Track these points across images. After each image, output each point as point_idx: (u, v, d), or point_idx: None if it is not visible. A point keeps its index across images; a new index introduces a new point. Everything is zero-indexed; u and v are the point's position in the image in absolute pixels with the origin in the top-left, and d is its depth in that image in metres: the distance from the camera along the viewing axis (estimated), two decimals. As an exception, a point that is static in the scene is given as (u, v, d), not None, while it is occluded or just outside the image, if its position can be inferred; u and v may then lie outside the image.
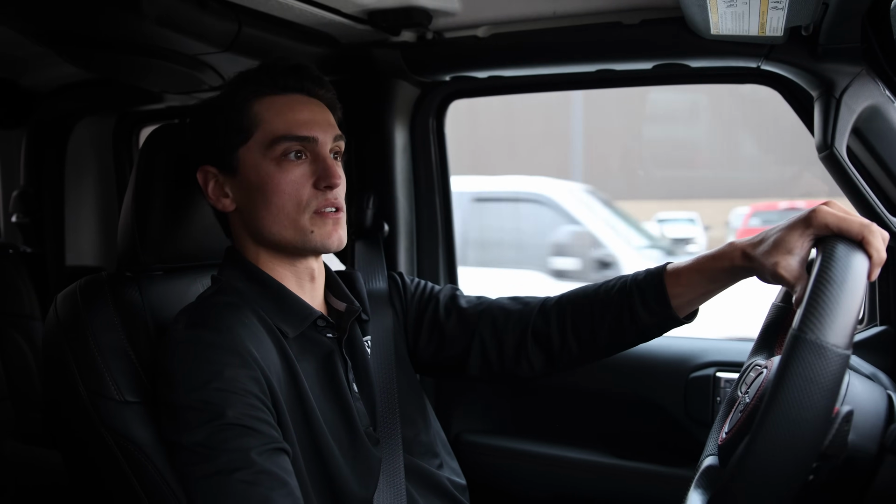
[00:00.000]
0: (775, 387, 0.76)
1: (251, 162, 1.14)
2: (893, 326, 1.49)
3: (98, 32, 1.47)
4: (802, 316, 0.78)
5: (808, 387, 0.74)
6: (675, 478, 1.64)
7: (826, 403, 0.75)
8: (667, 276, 1.16)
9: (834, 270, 0.83)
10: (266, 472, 0.97)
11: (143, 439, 1.09)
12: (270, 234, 1.14)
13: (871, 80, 1.33)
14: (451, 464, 1.34)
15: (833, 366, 0.75)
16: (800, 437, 0.74)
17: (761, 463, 0.75)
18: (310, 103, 1.17)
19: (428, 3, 1.46)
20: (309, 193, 1.13)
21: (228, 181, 1.17)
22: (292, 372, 1.10)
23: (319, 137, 1.14)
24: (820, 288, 0.80)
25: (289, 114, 1.14)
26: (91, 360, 1.12)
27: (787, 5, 1.16)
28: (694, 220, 13.10)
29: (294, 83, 1.17)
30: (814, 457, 0.77)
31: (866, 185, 1.35)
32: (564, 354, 1.25)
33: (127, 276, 1.23)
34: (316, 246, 1.14)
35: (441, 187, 1.97)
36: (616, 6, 1.45)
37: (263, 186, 1.12)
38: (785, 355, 0.77)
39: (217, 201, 1.18)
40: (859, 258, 0.87)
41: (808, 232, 0.97)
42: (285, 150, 1.12)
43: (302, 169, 1.13)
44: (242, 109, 1.14)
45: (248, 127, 1.14)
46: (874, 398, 0.89)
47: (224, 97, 1.18)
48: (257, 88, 1.16)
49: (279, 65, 1.17)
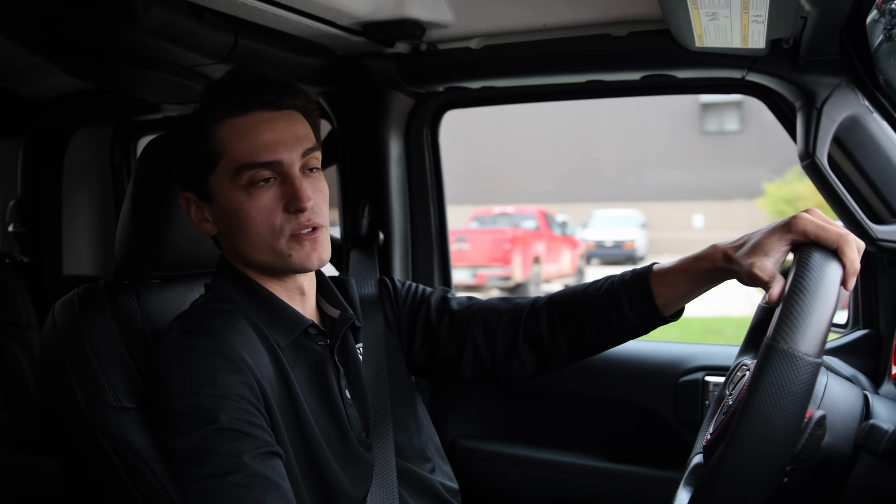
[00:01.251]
0: (749, 393, 0.79)
1: (222, 190, 1.12)
2: (875, 330, 1.52)
3: (96, 44, 1.49)
4: (776, 325, 0.81)
5: (780, 394, 0.77)
6: (666, 480, 1.66)
7: (797, 410, 0.77)
8: (652, 277, 1.19)
9: (807, 280, 0.85)
10: (259, 476, 0.98)
11: (141, 445, 1.10)
12: (251, 258, 1.14)
13: (850, 90, 1.37)
14: (443, 468, 1.35)
15: (804, 374, 0.78)
16: (772, 440, 0.77)
17: (737, 465, 0.78)
18: (273, 120, 1.12)
19: (421, 16, 1.49)
20: (281, 219, 1.10)
21: (207, 207, 1.16)
22: (285, 378, 1.12)
23: (284, 159, 1.10)
24: (793, 298, 0.83)
25: (251, 137, 1.09)
26: (88, 367, 1.13)
27: (767, 19, 1.19)
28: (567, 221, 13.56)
29: (254, 100, 1.11)
30: (787, 460, 0.79)
31: (847, 194, 1.38)
32: (555, 354, 1.27)
33: (124, 285, 1.25)
34: (295, 268, 1.14)
35: (435, 196, 1.99)
36: (604, 19, 1.48)
37: (236, 214, 1.11)
38: (758, 364, 0.80)
39: (199, 225, 1.18)
40: (833, 268, 0.89)
41: (787, 237, 1.00)
42: (251, 177, 1.09)
43: (271, 193, 1.10)
44: (207, 136, 1.12)
45: (213, 154, 1.11)
46: (850, 399, 0.91)
47: (191, 121, 1.15)
48: (220, 111, 1.12)
49: (237, 80, 1.13)
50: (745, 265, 1.03)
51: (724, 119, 14.91)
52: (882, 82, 1.36)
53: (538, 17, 1.49)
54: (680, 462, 1.18)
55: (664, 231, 15.06)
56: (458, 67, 1.70)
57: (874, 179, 1.38)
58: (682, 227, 15.19)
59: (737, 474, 0.78)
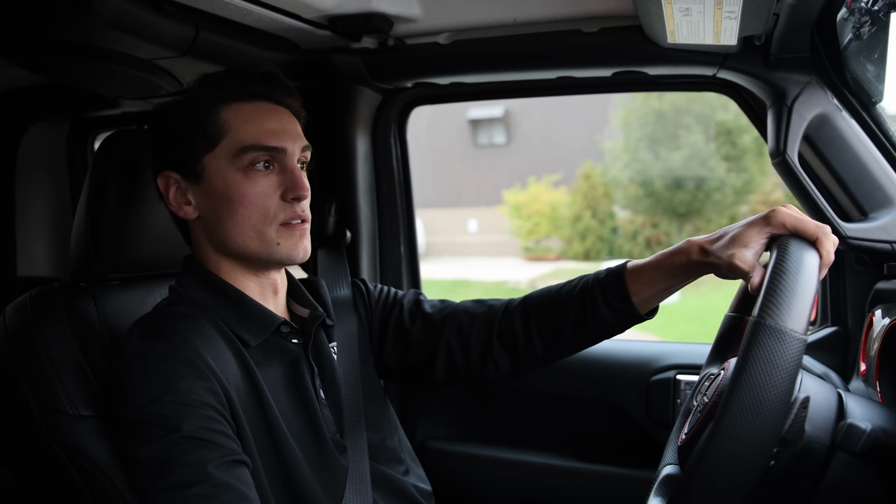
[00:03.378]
0: (737, 372, 0.78)
1: (217, 170, 1.11)
2: (844, 327, 1.53)
3: (49, 34, 1.43)
4: (761, 304, 0.81)
5: (770, 369, 0.77)
6: (638, 480, 1.66)
7: (786, 385, 0.77)
8: (627, 274, 1.18)
9: (789, 262, 0.86)
10: (224, 486, 0.95)
11: (99, 455, 1.07)
12: (235, 244, 1.12)
13: (820, 88, 1.37)
14: (416, 470, 1.34)
15: (792, 349, 0.78)
16: (762, 418, 0.76)
17: (726, 446, 0.77)
18: (278, 112, 1.15)
19: (388, 9, 1.46)
20: (276, 205, 1.11)
21: (192, 188, 1.14)
22: (253, 381, 1.09)
23: (288, 148, 1.12)
24: (776, 278, 0.84)
25: (258, 122, 1.11)
26: (42, 373, 1.09)
27: (739, 15, 1.19)
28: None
29: (263, 90, 1.14)
30: (776, 439, 0.79)
31: (817, 191, 1.39)
32: (530, 354, 1.26)
33: (81, 287, 1.20)
34: (282, 258, 1.13)
35: (403, 193, 1.97)
36: (576, 14, 1.47)
37: (229, 196, 1.10)
38: (746, 341, 0.80)
39: (179, 208, 1.15)
40: (812, 254, 0.90)
41: (766, 229, 1.01)
42: (253, 159, 1.10)
43: (269, 180, 1.11)
44: (209, 115, 1.11)
45: (214, 134, 1.11)
46: (826, 395, 0.91)
47: (190, 101, 1.14)
48: (225, 94, 1.13)
49: (248, 70, 1.15)
50: (724, 257, 1.04)
51: (493, 133, 16.46)
52: (851, 80, 1.37)
53: (508, 11, 1.47)
54: (652, 461, 1.17)
55: (442, 235, 16.27)
56: (427, 63, 1.67)
57: (843, 177, 1.39)
58: (458, 232, 16.42)
59: (726, 456, 0.77)
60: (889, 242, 1.37)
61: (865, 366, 1.30)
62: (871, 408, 0.94)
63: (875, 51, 1.32)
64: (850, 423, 0.86)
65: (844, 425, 0.86)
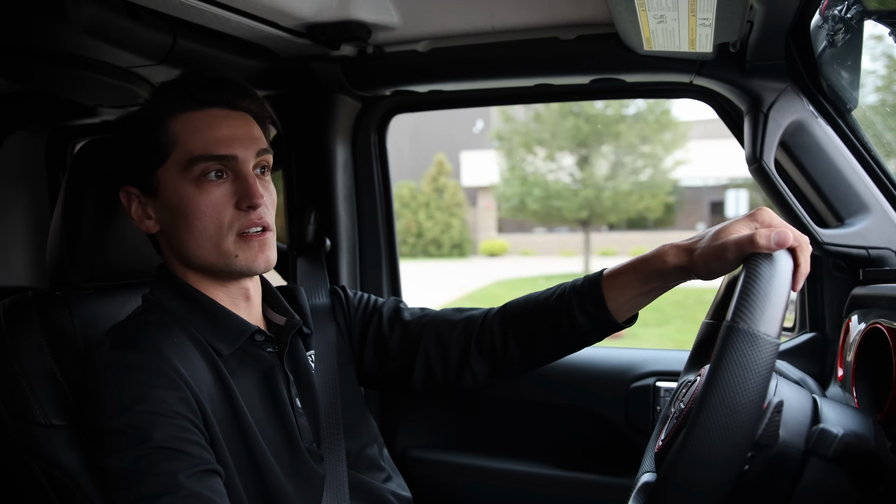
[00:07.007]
0: (710, 375, 0.78)
1: (170, 183, 1.09)
2: (821, 333, 1.54)
3: (25, 42, 1.42)
4: (735, 308, 0.81)
5: (743, 373, 0.77)
6: (618, 487, 1.66)
7: (759, 389, 0.77)
8: (603, 280, 1.17)
9: (763, 268, 0.86)
10: (196, 496, 0.94)
11: (71, 465, 1.06)
12: (195, 256, 1.11)
13: (795, 95, 1.38)
14: (396, 478, 1.33)
15: (765, 353, 0.78)
16: (736, 422, 0.76)
17: (700, 450, 0.77)
18: (230, 118, 1.12)
19: (367, 18, 1.46)
20: (231, 215, 1.08)
21: (150, 202, 1.12)
22: (226, 390, 1.07)
23: (240, 155, 1.09)
24: (750, 283, 0.84)
25: (206, 131, 1.08)
26: (14, 383, 1.08)
27: (713, 22, 1.19)
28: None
29: (212, 97, 1.11)
30: (749, 443, 0.79)
31: (794, 198, 1.40)
32: (507, 362, 1.25)
33: (56, 296, 1.19)
34: (241, 269, 1.11)
35: (383, 201, 1.96)
36: (553, 22, 1.47)
37: (184, 209, 1.08)
38: (719, 345, 0.80)
39: (140, 223, 1.14)
40: (787, 260, 0.91)
41: (752, 224, 1.00)
42: (203, 170, 1.07)
43: (223, 189, 1.09)
44: (159, 128, 1.09)
45: (164, 146, 1.09)
46: (801, 400, 0.91)
47: (141, 114, 1.13)
48: (173, 105, 1.10)
49: (196, 77, 1.12)
50: (713, 246, 1.01)
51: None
52: (826, 87, 1.38)
53: (486, 19, 1.48)
54: (632, 468, 1.17)
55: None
56: (406, 71, 1.67)
57: (819, 184, 1.40)
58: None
59: (700, 460, 0.76)
60: (865, 248, 1.38)
61: (843, 371, 1.30)
62: (846, 413, 0.94)
63: (849, 58, 1.33)
64: (822, 428, 0.86)
65: (817, 430, 0.86)
